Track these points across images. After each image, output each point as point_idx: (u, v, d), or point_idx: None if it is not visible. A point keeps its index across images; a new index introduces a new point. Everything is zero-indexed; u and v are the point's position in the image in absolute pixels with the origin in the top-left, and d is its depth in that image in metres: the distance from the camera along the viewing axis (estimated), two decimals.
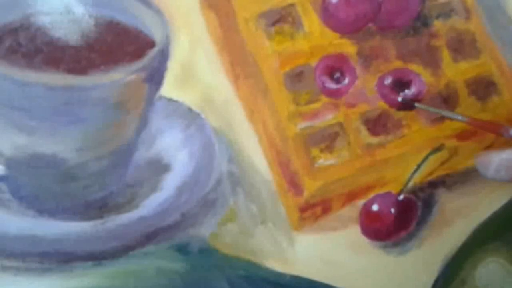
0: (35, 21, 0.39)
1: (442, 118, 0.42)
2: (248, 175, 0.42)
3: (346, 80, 0.42)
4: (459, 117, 0.39)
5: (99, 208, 0.40)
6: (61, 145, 0.38)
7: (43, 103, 0.37)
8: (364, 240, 0.41)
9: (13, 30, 0.39)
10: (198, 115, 0.42)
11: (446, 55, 0.43)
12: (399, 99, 0.40)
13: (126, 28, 0.40)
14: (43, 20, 0.39)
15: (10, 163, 0.39)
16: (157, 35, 0.39)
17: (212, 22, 0.43)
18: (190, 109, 0.42)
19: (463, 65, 0.43)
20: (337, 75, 0.42)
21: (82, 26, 0.39)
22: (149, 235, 0.39)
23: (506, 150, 0.39)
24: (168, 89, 0.40)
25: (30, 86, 0.36)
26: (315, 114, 0.41)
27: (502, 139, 0.43)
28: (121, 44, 0.39)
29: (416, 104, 0.40)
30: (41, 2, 0.39)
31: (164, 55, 0.39)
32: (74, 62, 0.38)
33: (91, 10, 0.40)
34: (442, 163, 0.42)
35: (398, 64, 0.42)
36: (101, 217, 0.39)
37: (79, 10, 0.40)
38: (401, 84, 0.42)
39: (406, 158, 0.42)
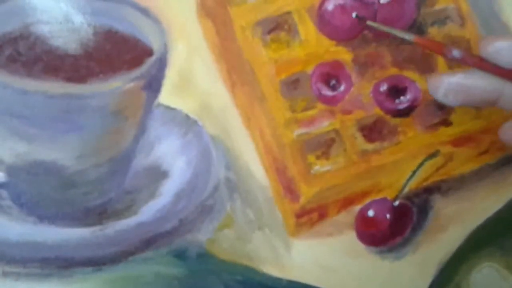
0: (34, 30, 0.40)
1: (437, 125, 0.43)
2: (245, 181, 0.42)
3: (342, 87, 0.42)
4: (407, 36, 0.39)
5: (98, 214, 0.40)
6: (60, 152, 0.39)
7: (42, 111, 0.37)
8: (360, 245, 0.42)
9: (13, 39, 0.39)
10: (195, 122, 0.43)
11: (441, 62, 0.43)
12: (353, 14, 0.40)
13: (124, 36, 0.40)
14: (43, 29, 0.40)
15: (10, 170, 0.40)
16: (155, 44, 0.40)
17: (209, 31, 0.44)
18: (187, 117, 0.43)
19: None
20: (333, 82, 0.42)
21: (81, 35, 0.40)
22: (148, 241, 0.39)
23: (457, 73, 0.39)
24: (166, 96, 0.41)
25: (30, 94, 0.37)
26: (311, 121, 0.42)
27: (498, 143, 0.43)
28: (119, 53, 0.40)
29: (368, 22, 0.40)
30: (40, 12, 0.40)
31: (162, 63, 0.40)
32: (73, 70, 0.39)
33: (90, 19, 0.40)
34: (437, 169, 0.43)
35: (393, 71, 0.43)
36: (100, 223, 0.40)
37: (78, 19, 0.40)
38: (396, 90, 0.43)
39: (402, 164, 0.42)
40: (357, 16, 0.41)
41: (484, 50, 0.39)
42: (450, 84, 0.39)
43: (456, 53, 0.39)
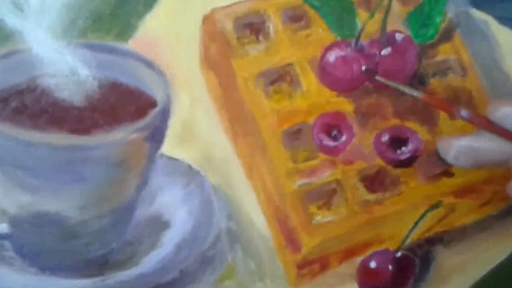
0: (41, 83, 0.40)
1: (439, 176, 0.43)
2: (247, 231, 0.42)
3: (344, 138, 0.42)
4: (415, 93, 0.40)
5: (100, 265, 0.40)
6: (64, 203, 0.39)
7: (47, 162, 0.38)
8: None
9: (20, 92, 0.40)
10: (197, 172, 0.43)
11: (443, 113, 0.43)
12: (363, 68, 0.40)
13: (128, 88, 0.41)
14: (49, 82, 0.41)
15: (14, 221, 0.40)
16: (158, 95, 0.40)
17: (212, 82, 0.44)
18: (190, 167, 0.43)
19: (460, 122, 0.43)
20: (335, 132, 0.43)
21: (86, 88, 0.41)
22: None
23: (467, 136, 0.39)
24: (168, 147, 0.41)
25: (35, 146, 0.38)
26: (312, 171, 0.42)
27: (500, 194, 0.43)
28: (123, 104, 0.40)
29: (377, 77, 0.41)
30: (47, 65, 0.41)
31: (165, 114, 0.40)
32: (78, 122, 0.39)
33: (95, 72, 0.41)
34: (440, 220, 0.43)
35: (395, 121, 0.43)
36: (101, 274, 0.40)
37: (84, 72, 0.41)
38: (398, 141, 0.43)
39: (404, 215, 0.42)
40: (366, 69, 0.41)
41: (492, 115, 0.39)
42: (459, 147, 0.39)
43: (464, 113, 0.39)
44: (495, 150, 0.39)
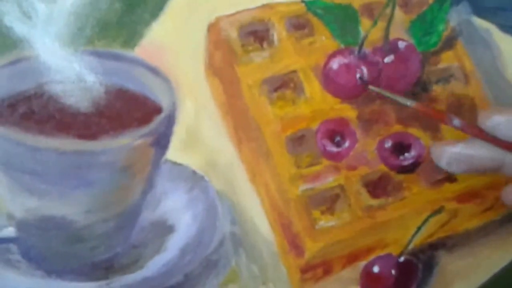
0: (48, 89, 0.41)
1: (442, 181, 0.43)
2: (250, 236, 0.43)
3: (347, 144, 0.43)
4: (408, 103, 0.40)
5: (105, 269, 0.41)
6: (70, 207, 0.39)
7: (54, 167, 0.38)
8: None
9: (27, 98, 0.41)
10: (202, 178, 0.44)
11: None
12: (358, 77, 0.40)
13: (134, 95, 0.42)
14: (56, 88, 0.41)
15: (20, 225, 0.41)
16: (164, 102, 0.41)
17: (217, 89, 0.45)
18: (194, 172, 0.44)
19: None
20: (338, 138, 0.43)
21: (92, 94, 0.41)
22: None
23: (459, 143, 0.40)
24: (173, 152, 0.42)
25: (42, 151, 0.38)
26: (316, 177, 0.42)
27: (502, 201, 0.43)
28: (129, 110, 0.41)
29: (370, 87, 0.41)
30: (54, 71, 0.42)
31: (170, 121, 0.41)
32: (85, 128, 0.40)
33: (101, 78, 0.41)
34: (442, 225, 0.43)
35: (398, 128, 0.43)
36: (106, 277, 0.40)
37: (91, 78, 0.42)
38: (401, 147, 0.43)
39: (407, 220, 0.42)
40: (360, 78, 0.41)
41: (482, 124, 0.40)
42: (452, 154, 0.40)
43: (456, 122, 0.40)
44: (487, 157, 0.39)
